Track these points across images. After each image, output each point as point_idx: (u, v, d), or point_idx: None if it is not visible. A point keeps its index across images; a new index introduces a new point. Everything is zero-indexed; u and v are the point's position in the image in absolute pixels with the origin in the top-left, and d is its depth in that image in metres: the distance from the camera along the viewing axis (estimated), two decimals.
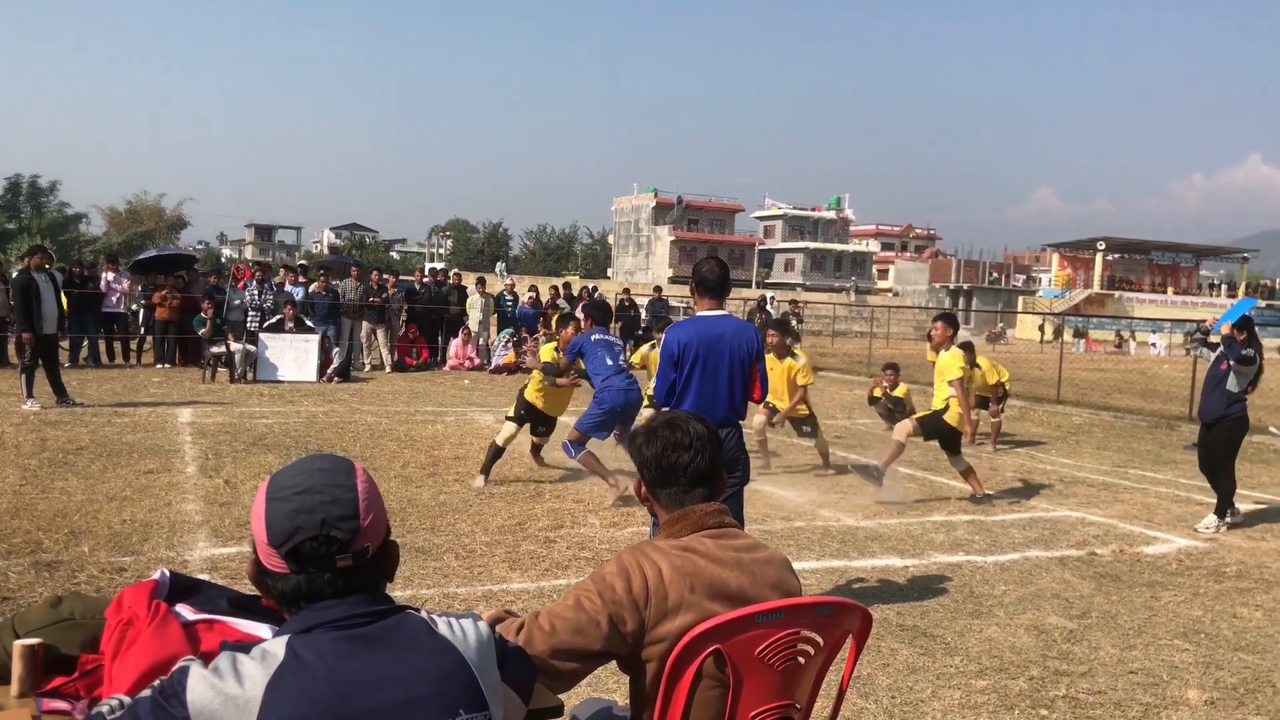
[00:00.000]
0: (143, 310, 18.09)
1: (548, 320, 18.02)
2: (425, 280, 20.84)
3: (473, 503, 7.59)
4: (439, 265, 56.10)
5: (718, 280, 4.94)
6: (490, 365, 19.29)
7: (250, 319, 16.59)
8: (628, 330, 22.04)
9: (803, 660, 2.16)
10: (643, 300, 25.28)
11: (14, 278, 12.15)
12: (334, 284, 18.35)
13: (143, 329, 18.23)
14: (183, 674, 1.47)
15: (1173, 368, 25.91)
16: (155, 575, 2.18)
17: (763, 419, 9.61)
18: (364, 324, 18.27)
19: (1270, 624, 5.55)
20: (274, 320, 16.44)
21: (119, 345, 18.06)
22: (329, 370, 16.08)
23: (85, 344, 17.06)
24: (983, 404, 11.98)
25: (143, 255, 21.51)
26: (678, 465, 2.30)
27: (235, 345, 15.66)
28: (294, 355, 16.07)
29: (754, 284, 66.21)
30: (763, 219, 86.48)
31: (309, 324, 16.72)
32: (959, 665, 4.67)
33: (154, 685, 1.51)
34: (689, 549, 2.18)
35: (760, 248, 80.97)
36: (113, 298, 17.61)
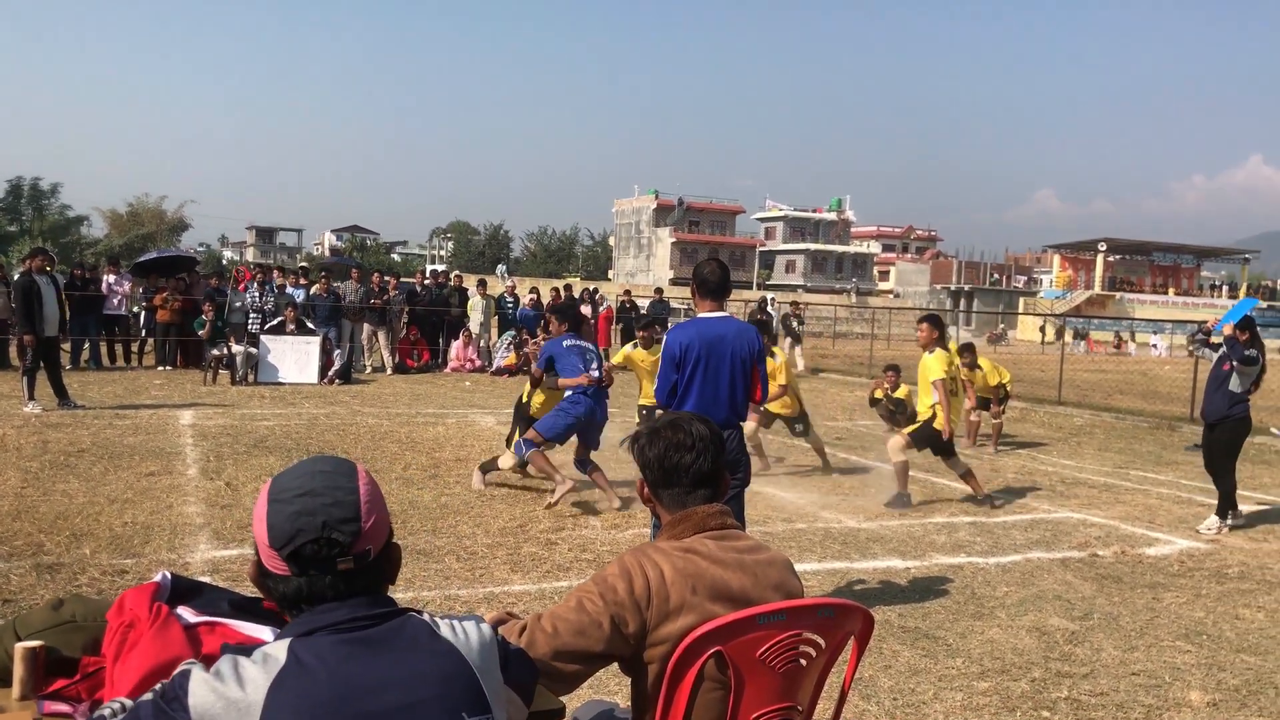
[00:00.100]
0: (144, 312, 18.10)
1: (548, 323, 18.02)
2: (426, 282, 20.85)
3: (474, 505, 7.59)
4: (440, 267, 56.18)
5: (719, 282, 4.94)
6: (491, 367, 19.29)
7: (251, 321, 16.61)
8: (629, 332, 22.04)
9: (804, 662, 2.16)
10: (644, 302, 25.27)
11: (15, 280, 12.17)
12: (335, 286, 18.37)
13: (144, 331, 18.25)
14: (184, 677, 1.47)
15: (1174, 369, 25.89)
16: (157, 578, 2.17)
17: (754, 424, 9.50)
18: (365, 326, 18.29)
19: (1272, 625, 5.54)
20: (275, 322, 16.46)
21: (120, 347, 18.06)
22: (330, 372, 16.08)
23: (86, 346, 17.08)
24: (984, 405, 11.97)
25: (143, 257, 21.52)
26: (680, 466, 2.29)
27: (236, 347, 15.67)
28: (295, 357, 16.08)
29: (755, 285, 66.23)
30: (763, 220, 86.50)
31: (310, 326, 16.74)
32: (961, 667, 4.67)
33: (155, 689, 1.51)
34: (691, 550, 2.18)
35: (761, 249, 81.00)
36: (114, 300, 17.63)
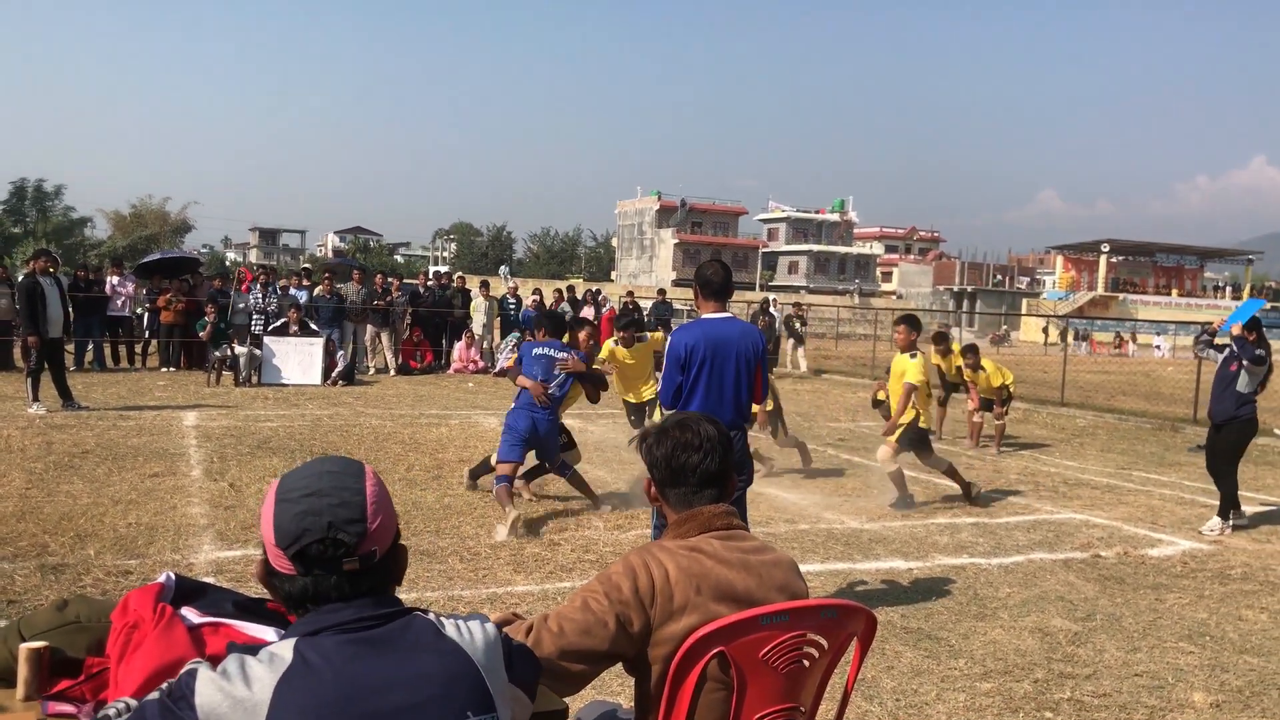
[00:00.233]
0: (147, 314, 18.14)
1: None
2: (429, 283, 20.88)
3: (477, 506, 7.59)
4: (443, 268, 56.20)
5: (722, 283, 4.94)
6: (494, 368, 19.30)
7: (255, 322, 16.63)
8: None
9: (807, 663, 2.16)
10: (647, 303, 25.27)
11: (19, 282, 12.20)
12: (338, 287, 18.39)
13: (147, 333, 18.28)
14: (191, 676, 1.47)
15: (1177, 370, 25.86)
16: (161, 578, 2.18)
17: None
18: (368, 327, 18.31)
19: (1275, 626, 5.53)
20: (279, 323, 16.47)
21: (124, 349, 18.10)
22: (333, 373, 16.10)
23: (90, 347, 17.11)
24: (987, 406, 11.96)
25: (147, 259, 21.55)
26: (687, 466, 2.29)
27: (240, 348, 15.69)
28: (298, 358, 16.10)
29: (757, 287, 66.24)
30: (766, 222, 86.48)
31: (313, 327, 16.76)
32: (963, 668, 4.67)
33: (162, 688, 1.51)
34: (696, 549, 2.18)
35: (764, 250, 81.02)
36: (118, 301, 17.66)
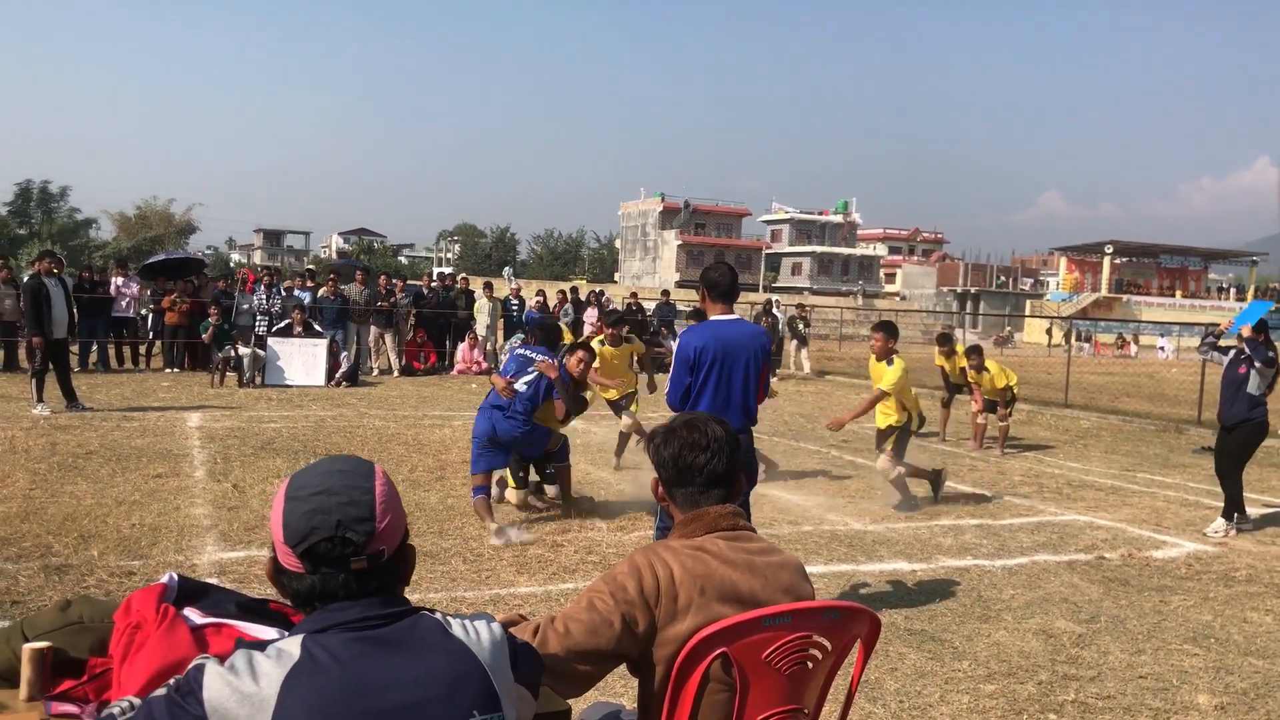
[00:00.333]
0: (152, 315, 18.17)
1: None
2: (433, 284, 20.88)
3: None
4: (447, 270, 56.20)
5: (729, 285, 4.97)
6: (498, 369, 19.29)
7: (258, 323, 16.65)
8: (636, 335, 22.01)
9: (810, 664, 2.16)
10: (650, 304, 25.26)
11: (24, 283, 12.22)
12: (342, 288, 18.41)
13: (152, 334, 18.30)
14: (199, 671, 1.47)
15: (1181, 371, 25.81)
16: (164, 579, 2.18)
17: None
18: (372, 328, 18.32)
19: None
20: (283, 325, 16.49)
21: (128, 350, 18.12)
22: (337, 374, 16.11)
23: (95, 348, 17.14)
24: (991, 408, 11.94)
25: (151, 260, 21.58)
26: (694, 466, 2.30)
27: (244, 349, 15.71)
28: (302, 359, 16.11)
29: (761, 288, 66.18)
30: (770, 223, 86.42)
31: (317, 328, 16.77)
32: (967, 670, 4.66)
33: (169, 683, 1.52)
34: (701, 549, 2.18)
35: (767, 252, 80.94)
36: (122, 302, 17.69)
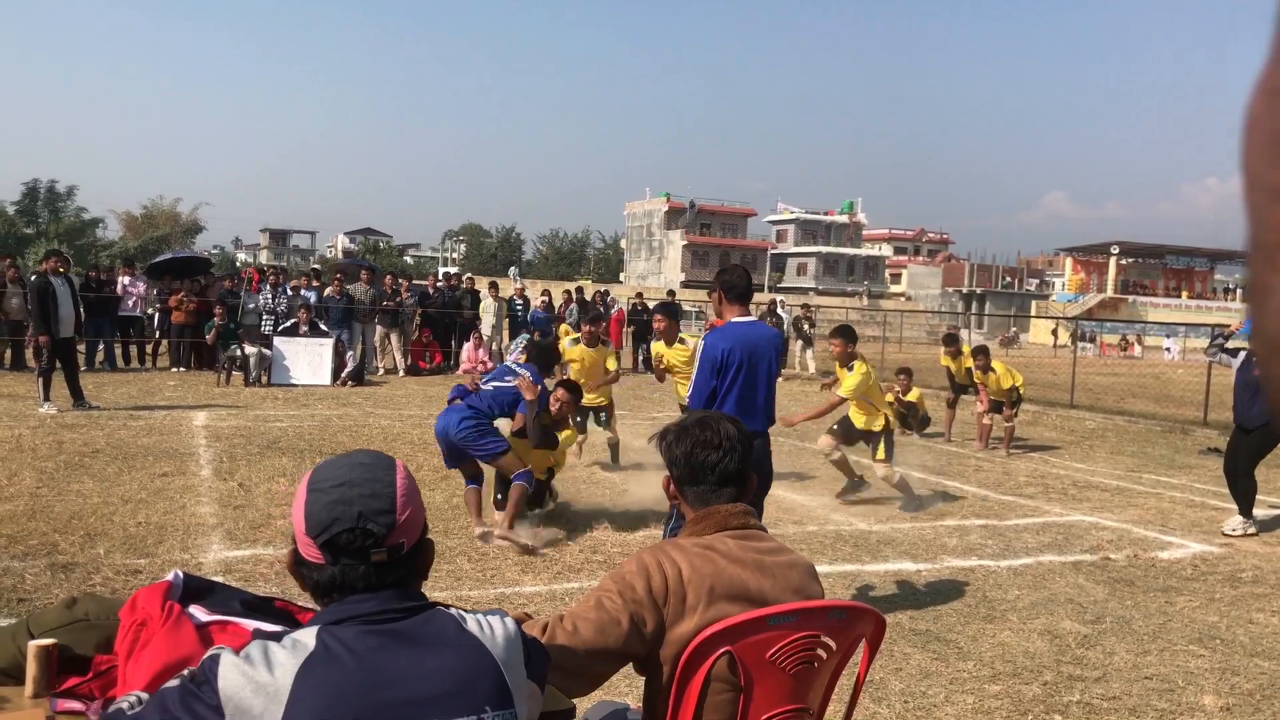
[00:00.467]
0: (158, 314, 18.21)
1: (558, 324, 18.02)
2: (439, 284, 20.89)
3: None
4: (452, 269, 56.18)
5: (745, 286, 5.02)
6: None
7: (265, 323, 16.67)
8: (641, 335, 22.03)
9: (815, 664, 2.15)
10: (654, 304, 25.24)
11: (31, 282, 12.26)
12: (347, 288, 18.44)
13: (158, 333, 18.35)
14: (214, 661, 1.48)
15: (1187, 372, 25.74)
16: (169, 576, 2.19)
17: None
18: (377, 328, 18.33)
19: None
20: (288, 324, 16.51)
21: (135, 349, 18.17)
22: (343, 374, 16.14)
23: (101, 347, 17.18)
24: (996, 409, 11.92)
25: (158, 259, 21.64)
26: (706, 464, 2.30)
27: (250, 349, 15.73)
28: (308, 359, 16.13)
29: (766, 288, 66.13)
30: (775, 223, 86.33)
31: (323, 328, 16.79)
32: (972, 670, 4.65)
33: (183, 674, 1.53)
34: (710, 548, 2.18)
35: (773, 252, 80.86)
36: (129, 302, 17.74)
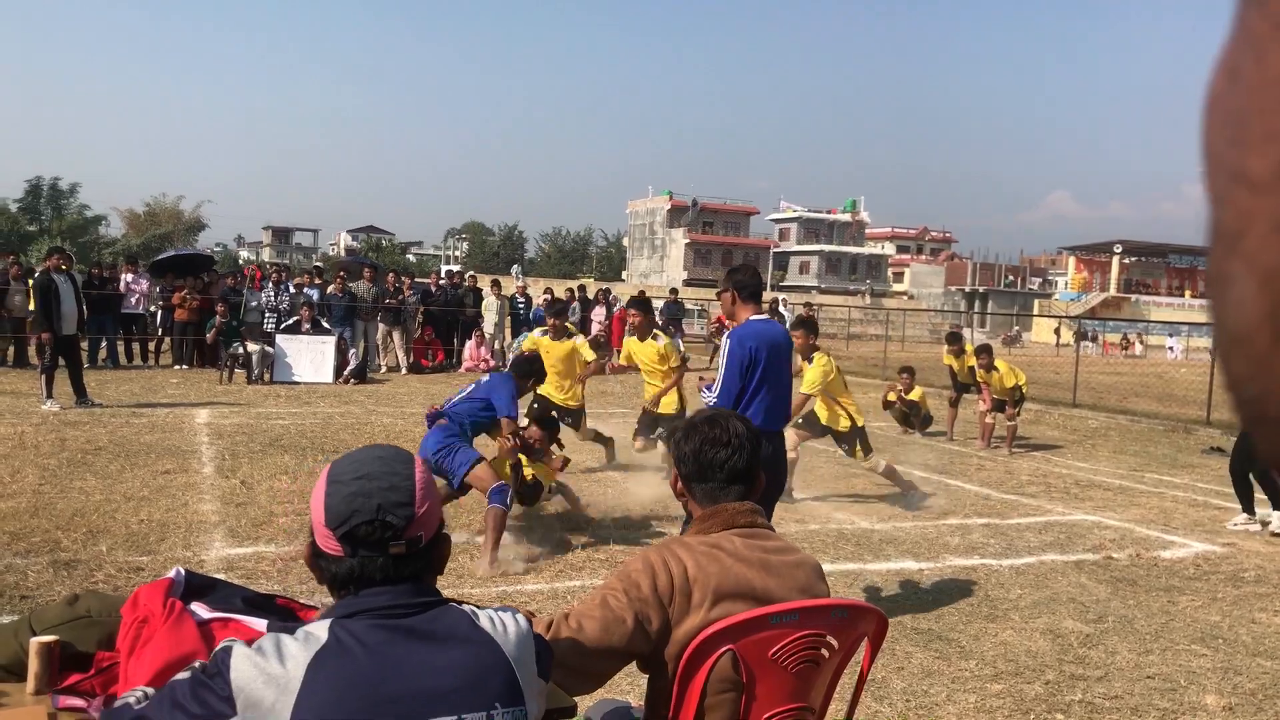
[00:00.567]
0: (161, 311, 18.23)
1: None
2: (441, 282, 20.90)
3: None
4: (455, 267, 56.23)
5: (758, 285, 5.08)
6: (505, 368, 19.29)
7: (267, 320, 16.68)
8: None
9: (818, 663, 2.15)
10: (658, 303, 25.24)
11: (34, 279, 12.28)
12: (350, 286, 18.44)
13: (161, 330, 18.36)
14: (226, 654, 1.49)
15: (1190, 371, 25.71)
16: (171, 574, 2.19)
17: (639, 445, 8.95)
18: (380, 326, 18.34)
19: None
20: (291, 322, 16.52)
21: (137, 346, 18.19)
22: (345, 372, 16.14)
23: (104, 345, 17.20)
24: (999, 407, 11.91)
25: (161, 256, 21.65)
26: (715, 461, 2.30)
27: (252, 346, 15.74)
28: (310, 356, 16.13)
29: (769, 287, 66.14)
30: (778, 221, 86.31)
31: (325, 326, 16.80)
32: (974, 669, 4.65)
33: (194, 665, 1.54)
34: (716, 546, 2.17)
35: (775, 250, 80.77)
36: (132, 299, 17.75)
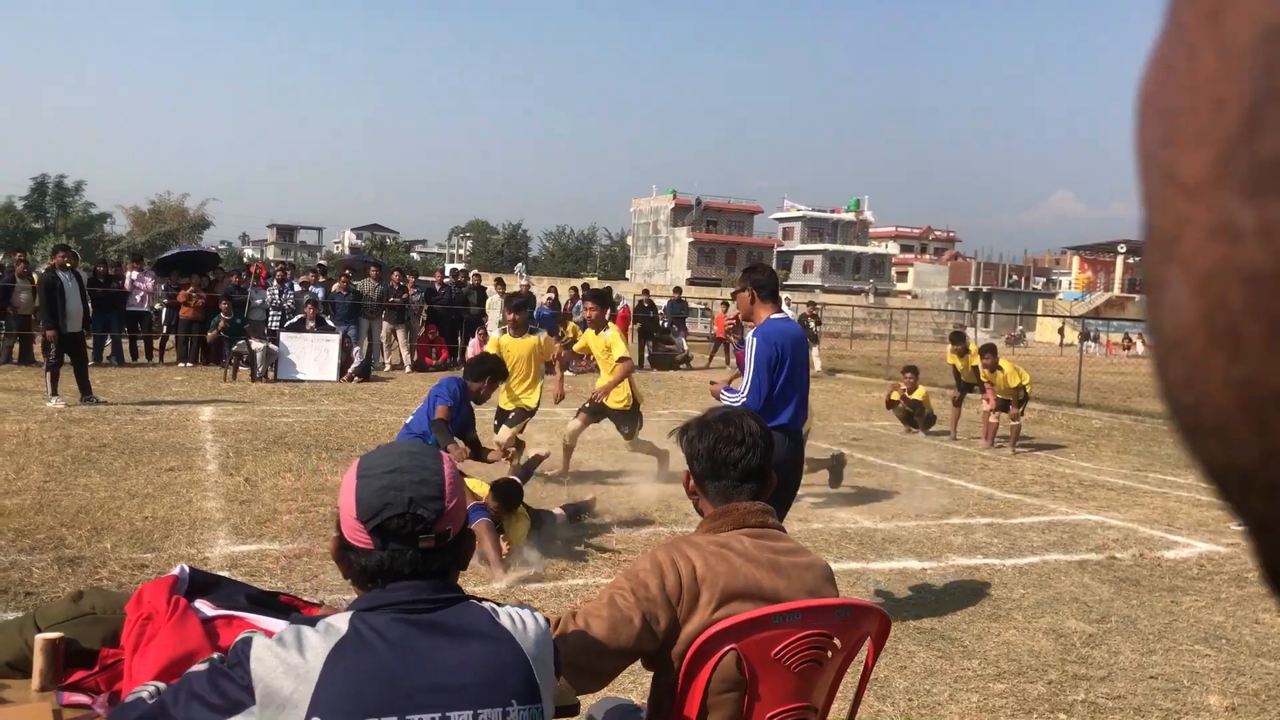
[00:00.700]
0: (166, 309, 18.26)
1: (565, 321, 18.03)
2: (445, 281, 20.92)
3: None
4: (459, 266, 56.28)
5: (775, 284, 5.09)
6: None
7: (271, 318, 16.71)
8: (647, 332, 22.05)
9: (821, 662, 2.15)
10: (661, 301, 25.28)
11: (40, 276, 12.31)
12: (354, 284, 18.47)
13: (166, 328, 18.40)
14: (246, 644, 1.50)
15: None
16: (175, 571, 2.20)
17: (579, 423, 8.51)
18: (384, 324, 18.36)
19: None
20: (295, 320, 16.55)
21: (142, 344, 18.22)
22: (349, 370, 16.16)
23: (109, 342, 17.23)
24: (1003, 407, 11.90)
25: (166, 254, 21.69)
26: (729, 460, 2.29)
27: (256, 344, 15.76)
28: (315, 354, 16.16)
29: None
30: (781, 220, 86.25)
31: (330, 323, 16.82)
32: (977, 668, 4.65)
33: (212, 657, 1.55)
34: (725, 546, 2.17)
35: (779, 249, 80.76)
36: (136, 297, 17.79)
